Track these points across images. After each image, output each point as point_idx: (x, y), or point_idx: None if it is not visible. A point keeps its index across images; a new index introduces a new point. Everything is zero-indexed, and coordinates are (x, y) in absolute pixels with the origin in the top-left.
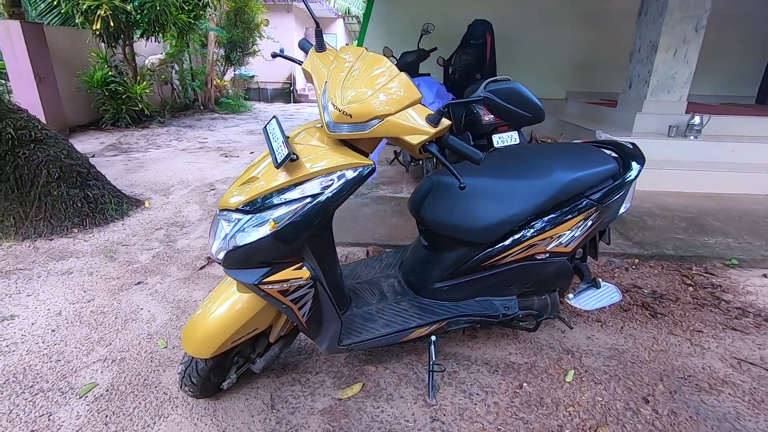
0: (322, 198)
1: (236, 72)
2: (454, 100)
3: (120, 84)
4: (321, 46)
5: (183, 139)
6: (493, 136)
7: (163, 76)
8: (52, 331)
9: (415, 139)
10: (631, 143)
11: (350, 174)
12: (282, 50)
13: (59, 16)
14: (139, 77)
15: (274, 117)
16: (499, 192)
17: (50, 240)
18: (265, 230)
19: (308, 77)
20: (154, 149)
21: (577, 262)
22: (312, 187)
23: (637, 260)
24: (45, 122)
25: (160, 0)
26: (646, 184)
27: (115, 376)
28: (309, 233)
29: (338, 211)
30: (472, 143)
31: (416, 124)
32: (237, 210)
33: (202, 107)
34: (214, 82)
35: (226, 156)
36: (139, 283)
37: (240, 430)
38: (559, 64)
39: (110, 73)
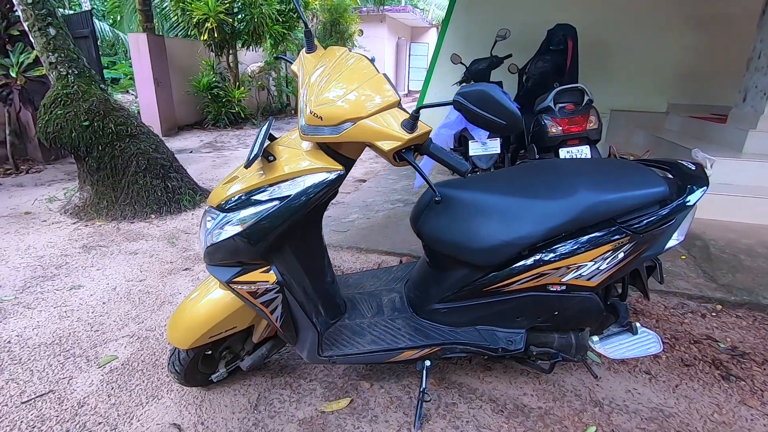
0: (287, 202)
1: None
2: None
3: (222, 89)
4: (310, 47)
5: None
6: (560, 149)
7: (259, 83)
8: (103, 303)
9: (387, 146)
10: (694, 163)
11: (314, 179)
12: (373, 59)
13: (184, 29)
14: (238, 83)
15: (270, 118)
16: (506, 210)
17: (131, 223)
18: (234, 229)
19: (297, 79)
20: (242, 148)
21: (614, 300)
22: (280, 190)
23: (719, 306)
24: (159, 121)
25: (258, 13)
26: (751, 215)
27: (134, 352)
28: (276, 236)
29: (382, 219)
30: (537, 156)
31: (390, 128)
32: (217, 207)
33: (293, 111)
34: None
35: None
36: (186, 269)
37: (217, 424)
38: (659, 74)
39: (215, 78)
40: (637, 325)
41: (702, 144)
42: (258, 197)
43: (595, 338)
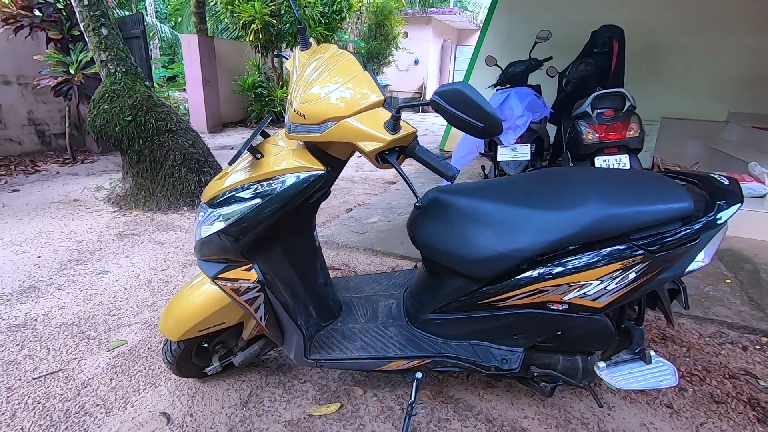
0: (268, 200)
1: None
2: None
3: (265, 88)
4: (304, 44)
5: None
6: (596, 158)
7: None
8: (125, 289)
9: (369, 146)
10: (728, 178)
11: (294, 179)
12: (417, 61)
13: (233, 31)
14: (281, 83)
15: (267, 116)
16: (505, 220)
17: (165, 214)
18: (218, 226)
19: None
20: None
21: (629, 324)
22: (263, 188)
23: (765, 339)
24: (205, 118)
25: (302, 15)
26: None
27: (143, 338)
28: (258, 234)
29: (402, 222)
30: (571, 165)
31: (372, 129)
32: (208, 202)
33: None
34: None
35: None
36: None
37: (205, 417)
38: (719, 79)
39: (259, 78)
40: (652, 353)
41: (763, 156)
42: (242, 195)
43: (602, 364)
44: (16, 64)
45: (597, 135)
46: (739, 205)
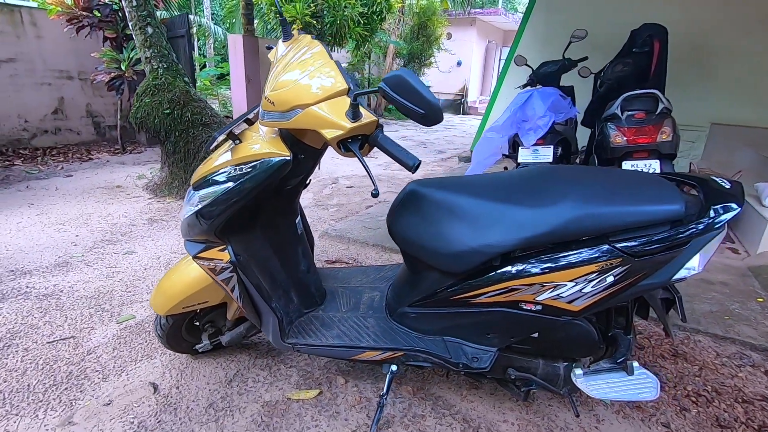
0: (238, 184)
1: None
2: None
3: None
4: (286, 36)
5: None
6: (623, 162)
7: None
8: (145, 269)
9: (330, 134)
10: (731, 180)
11: (262, 164)
12: (459, 63)
13: (278, 31)
14: None
15: (257, 105)
16: (479, 215)
17: None
18: (195, 207)
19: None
20: None
21: (617, 332)
22: (235, 172)
23: None
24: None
25: (341, 15)
26: None
27: (150, 315)
28: (229, 215)
29: None
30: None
31: (334, 117)
32: (193, 185)
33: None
34: None
35: (368, 157)
36: None
37: (190, 391)
38: None
39: None
40: (635, 364)
41: None
42: (217, 178)
43: (579, 371)
44: (77, 60)
45: (625, 138)
46: (738, 209)
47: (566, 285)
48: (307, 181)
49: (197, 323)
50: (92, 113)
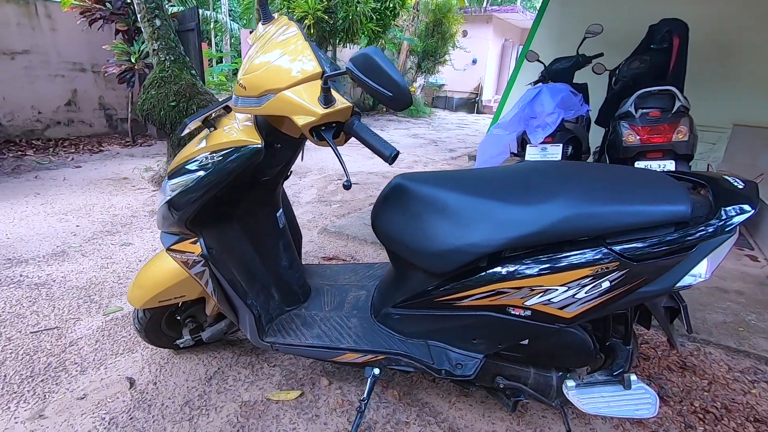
0: (208, 173)
1: (426, 80)
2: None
3: None
4: (266, 18)
5: None
6: (636, 162)
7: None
8: (139, 261)
9: (302, 120)
10: (745, 180)
11: (233, 152)
12: (474, 61)
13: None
14: None
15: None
16: (463, 212)
17: None
18: (166, 197)
19: None
20: None
21: (615, 341)
22: (206, 161)
23: None
24: None
25: (354, 11)
26: None
27: None
28: (198, 206)
29: None
30: None
31: (306, 102)
32: (168, 174)
33: (384, 110)
34: None
35: None
36: None
37: (167, 387)
38: None
39: None
40: (633, 377)
41: None
42: (189, 166)
43: (571, 382)
44: (90, 53)
45: (638, 137)
46: (751, 212)
47: (557, 290)
48: (288, 173)
49: (179, 317)
50: (105, 106)
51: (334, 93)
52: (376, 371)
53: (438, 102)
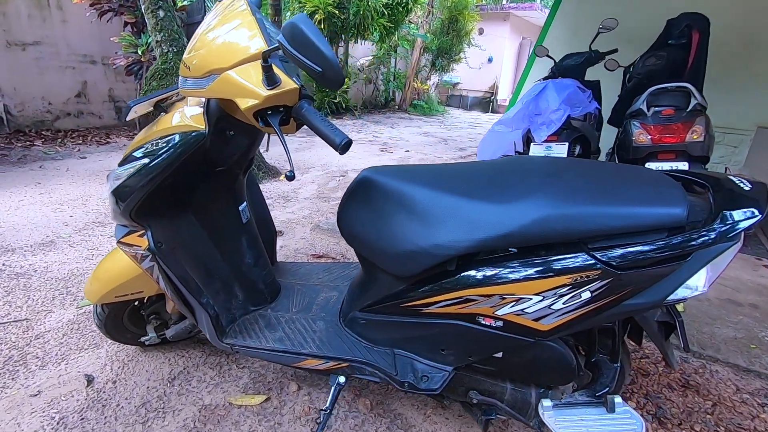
0: (152, 161)
1: (440, 78)
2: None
3: None
4: None
5: (362, 131)
6: (647, 163)
7: (365, 76)
8: None
9: (245, 103)
10: (753, 181)
11: (177, 138)
12: (490, 59)
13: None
14: (348, 74)
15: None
16: (434, 210)
17: None
18: (110, 186)
19: None
20: None
21: (601, 358)
22: (152, 148)
23: None
24: None
25: (365, 6)
26: None
27: None
28: (141, 196)
29: None
30: None
31: (250, 83)
32: (120, 163)
33: (396, 107)
34: (413, 85)
35: (383, 150)
36: None
37: (125, 387)
38: None
39: None
40: (618, 400)
41: None
42: (135, 153)
43: (547, 402)
44: (100, 45)
45: (650, 137)
46: (759, 216)
47: (531, 299)
48: (250, 164)
49: (143, 313)
50: (114, 98)
51: (279, 72)
52: (341, 379)
53: (452, 100)
